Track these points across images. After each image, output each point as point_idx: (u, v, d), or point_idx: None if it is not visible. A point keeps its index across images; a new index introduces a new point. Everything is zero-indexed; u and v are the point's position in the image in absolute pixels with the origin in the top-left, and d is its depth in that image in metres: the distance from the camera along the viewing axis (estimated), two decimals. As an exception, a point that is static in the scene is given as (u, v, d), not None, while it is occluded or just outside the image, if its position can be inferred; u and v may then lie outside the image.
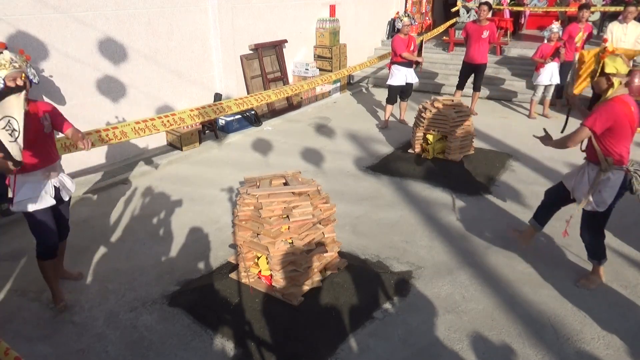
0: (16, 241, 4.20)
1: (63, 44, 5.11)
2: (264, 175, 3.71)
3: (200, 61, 7.01)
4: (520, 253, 3.99)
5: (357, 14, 10.65)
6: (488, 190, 5.21)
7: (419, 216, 4.68)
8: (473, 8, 11.28)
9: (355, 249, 4.08)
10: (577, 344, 3.02)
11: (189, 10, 6.62)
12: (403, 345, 3.02)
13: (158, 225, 4.55)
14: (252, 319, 3.18)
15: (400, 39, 7.04)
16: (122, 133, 4.36)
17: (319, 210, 3.44)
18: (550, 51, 7.22)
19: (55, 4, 4.98)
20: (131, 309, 3.36)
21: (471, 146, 6.19)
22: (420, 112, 6.15)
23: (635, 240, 4.18)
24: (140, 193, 5.27)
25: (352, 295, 3.40)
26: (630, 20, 7.11)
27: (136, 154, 6.23)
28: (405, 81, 7.20)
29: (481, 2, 7.55)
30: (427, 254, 4.03)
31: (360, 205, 4.92)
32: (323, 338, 3.02)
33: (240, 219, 3.40)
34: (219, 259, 3.96)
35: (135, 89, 6.02)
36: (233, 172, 5.75)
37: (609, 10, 10.57)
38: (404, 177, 5.59)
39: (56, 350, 2.99)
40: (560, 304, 3.39)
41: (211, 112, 5.24)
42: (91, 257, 4.01)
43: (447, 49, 11.21)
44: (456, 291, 3.54)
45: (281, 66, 8.59)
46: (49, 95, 5.04)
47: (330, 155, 6.34)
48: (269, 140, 6.99)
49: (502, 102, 9.08)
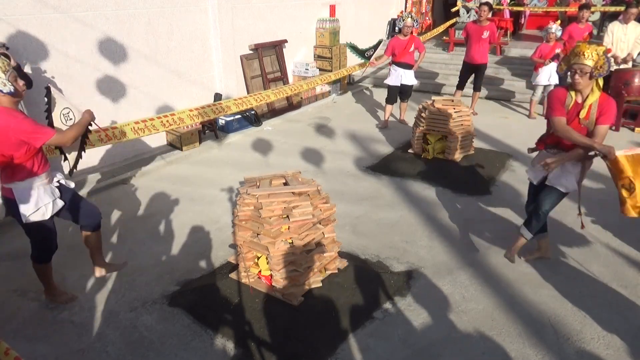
0: (16, 241, 4.20)
1: (63, 44, 5.11)
2: (264, 175, 3.71)
3: (200, 61, 7.01)
4: (520, 253, 3.98)
5: (357, 14, 10.65)
6: (488, 190, 5.21)
7: (419, 216, 4.68)
8: (473, 8, 11.28)
9: (355, 249, 4.08)
10: (577, 344, 3.02)
11: (189, 10, 6.62)
12: (403, 345, 3.02)
13: (158, 225, 4.55)
14: (252, 319, 3.18)
15: (395, 40, 7.04)
16: (122, 133, 4.35)
17: (319, 210, 3.44)
18: (550, 51, 7.21)
19: (55, 4, 4.98)
20: (131, 309, 3.36)
21: (471, 146, 6.19)
22: (420, 112, 6.15)
23: (635, 240, 4.18)
24: (140, 193, 5.27)
25: (352, 295, 3.40)
26: (631, 20, 7.11)
27: (136, 154, 6.23)
28: (400, 82, 7.18)
29: (481, 3, 7.56)
30: (427, 254, 4.03)
31: (360, 205, 4.92)
32: (323, 338, 3.02)
33: (240, 219, 3.40)
34: (219, 259, 3.96)
35: (135, 89, 6.02)
36: (233, 172, 5.75)
37: (609, 10, 10.58)
38: (404, 177, 5.59)
39: (56, 350, 2.99)
40: (560, 304, 3.39)
41: (211, 112, 5.24)
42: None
43: (447, 49, 11.21)
44: (456, 291, 3.54)
45: (281, 66, 8.59)
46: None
47: (330, 155, 6.34)
48: (269, 140, 6.99)
49: (502, 102, 9.09)
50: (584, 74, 3.15)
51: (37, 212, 3.02)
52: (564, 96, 3.32)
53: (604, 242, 4.18)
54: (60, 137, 2.94)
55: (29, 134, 2.82)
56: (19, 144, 2.83)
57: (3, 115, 2.78)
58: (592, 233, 4.33)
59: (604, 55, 3.12)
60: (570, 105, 3.30)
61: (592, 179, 5.15)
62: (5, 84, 2.76)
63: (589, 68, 3.12)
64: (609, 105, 3.21)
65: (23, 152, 2.88)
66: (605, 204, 4.83)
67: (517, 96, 9.10)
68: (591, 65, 3.11)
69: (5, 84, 2.76)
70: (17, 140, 2.81)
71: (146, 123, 4.61)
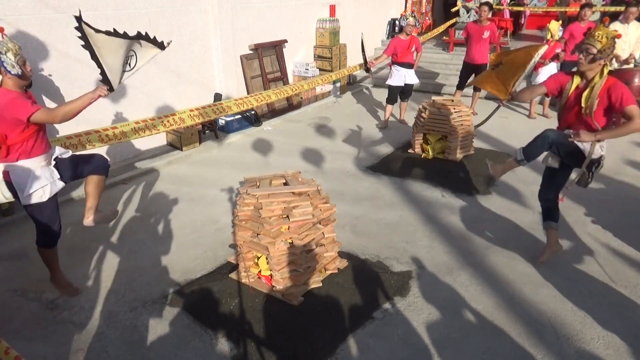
0: (16, 241, 4.20)
1: (63, 44, 5.11)
2: (264, 175, 3.70)
3: (200, 61, 7.01)
4: (520, 253, 3.99)
5: (357, 14, 10.65)
6: (488, 190, 5.21)
7: (419, 216, 4.68)
8: (473, 8, 11.28)
9: (355, 249, 4.08)
10: (577, 344, 3.02)
11: (189, 11, 6.62)
12: (403, 345, 3.01)
13: (158, 225, 4.55)
14: (252, 319, 3.18)
15: (397, 41, 7.04)
16: (122, 133, 4.36)
17: (319, 210, 3.44)
18: (550, 51, 7.21)
19: (55, 4, 4.98)
20: (131, 309, 3.36)
21: (471, 146, 6.19)
22: (420, 112, 6.15)
23: (635, 240, 4.17)
24: (140, 193, 5.27)
25: (352, 295, 3.40)
26: (631, 20, 7.10)
27: (136, 154, 6.23)
28: (404, 82, 7.19)
29: (481, 3, 7.56)
30: (427, 254, 4.03)
31: (360, 205, 4.91)
32: (323, 338, 3.02)
33: (240, 219, 3.40)
34: (219, 259, 3.96)
35: (135, 89, 6.02)
36: (233, 172, 5.75)
37: (609, 10, 10.57)
38: (404, 177, 5.59)
39: (56, 350, 2.99)
40: (560, 304, 3.39)
41: (211, 113, 5.24)
42: (91, 257, 4.00)
43: (447, 49, 11.21)
44: (456, 291, 3.54)
45: (281, 66, 8.59)
46: (48, 95, 5.04)
47: (330, 155, 6.34)
48: (269, 140, 6.99)
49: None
50: (589, 55, 3.15)
51: (34, 194, 3.05)
52: (566, 81, 3.32)
53: (604, 242, 4.18)
54: (44, 113, 2.94)
55: (17, 110, 2.86)
56: (15, 122, 2.88)
57: (2, 95, 2.86)
58: (592, 233, 4.33)
59: (612, 39, 3.12)
60: (570, 90, 3.29)
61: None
62: (14, 66, 2.86)
63: (595, 50, 3.12)
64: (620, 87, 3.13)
65: (19, 132, 2.92)
66: (606, 204, 4.83)
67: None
68: (598, 47, 3.11)
69: (14, 65, 2.86)
70: (11, 118, 2.86)
71: (147, 123, 4.61)
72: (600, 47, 3.10)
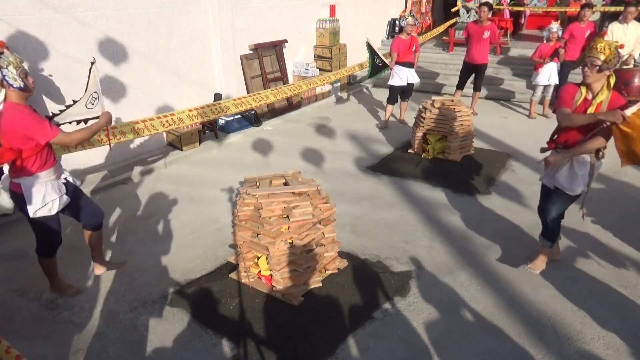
0: (16, 241, 4.20)
1: (63, 44, 5.11)
2: (264, 175, 3.71)
3: (200, 61, 7.01)
4: (520, 253, 3.99)
5: (357, 14, 10.65)
6: (488, 191, 5.21)
7: (419, 216, 4.68)
8: (473, 8, 11.27)
9: (355, 249, 4.08)
10: (577, 344, 3.02)
11: (189, 11, 6.62)
12: (403, 345, 3.02)
13: (158, 225, 4.55)
14: (252, 319, 3.18)
15: (399, 40, 7.04)
16: (122, 133, 4.35)
17: (319, 210, 3.44)
18: (550, 51, 7.21)
19: (55, 4, 4.98)
20: (131, 309, 3.36)
21: (471, 146, 6.19)
22: (420, 112, 6.15)
23: (635, 240, 4.18)
24: (140, 193, 5.27)
25: (352, 295, 3.40)
26: (630, 20, 7.10)
27: (136, 154, 6.23)
28: (406, 81, 7.20)
29: (481, 3, 7.55)
30: (427, 254, 4.03)
31: (360, 205, 4.91)
32: (323, 338, 3.02)
33: (240, 219, 3.40)
34: (219, 259, 3.96)
35: (135, 89, 6.02)
36: (233, 172, 5.75)
37: (608, 10, 10.57)
38: (404, 177, 5.59)
39: (56, 350, 2.99)
40: (560, 304, 3.39)
41: (210, 113, 5.24)
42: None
43: (447, 49, 11.20)
44: (456, 291, 3.54)
45: (281, 66, 8.59)
46: (49, 95, 5.04)
47: (330, 155, 6.34)
48: (269, 140, 6.99)
49: (502, 102, 9.08)
50: (594, 67, 3.16)
51: (44, 208, 3.06)
52: (574, 91, 3.34)
53: (604, 242, 4.18)
54: (64, 137, 2.99)
55: (34, 131, 2.88)
56: (25, 138, 2.89)
57: (10, 109, 2.86)
58: (592, 233, 4.33)
59: (615, 49, 3.14)
60: (579, 101, 3.31)
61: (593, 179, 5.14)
62: (16, 79, 2.85)
63: (600, 61, 3.13)
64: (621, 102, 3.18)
65: (32, 146, 2.93)
66: (606, 204, 4.83)
67: (517, 96, 9.09)
68: (602, 59, 3.12)
69: (16, 79, 2.85)
70: (22, 135, 2.87)
71: (146, 123, 4.60)
72: (605, 58, 3.12)
